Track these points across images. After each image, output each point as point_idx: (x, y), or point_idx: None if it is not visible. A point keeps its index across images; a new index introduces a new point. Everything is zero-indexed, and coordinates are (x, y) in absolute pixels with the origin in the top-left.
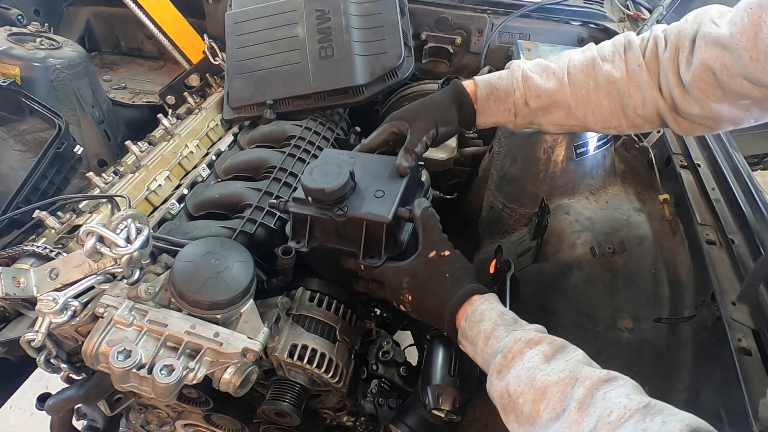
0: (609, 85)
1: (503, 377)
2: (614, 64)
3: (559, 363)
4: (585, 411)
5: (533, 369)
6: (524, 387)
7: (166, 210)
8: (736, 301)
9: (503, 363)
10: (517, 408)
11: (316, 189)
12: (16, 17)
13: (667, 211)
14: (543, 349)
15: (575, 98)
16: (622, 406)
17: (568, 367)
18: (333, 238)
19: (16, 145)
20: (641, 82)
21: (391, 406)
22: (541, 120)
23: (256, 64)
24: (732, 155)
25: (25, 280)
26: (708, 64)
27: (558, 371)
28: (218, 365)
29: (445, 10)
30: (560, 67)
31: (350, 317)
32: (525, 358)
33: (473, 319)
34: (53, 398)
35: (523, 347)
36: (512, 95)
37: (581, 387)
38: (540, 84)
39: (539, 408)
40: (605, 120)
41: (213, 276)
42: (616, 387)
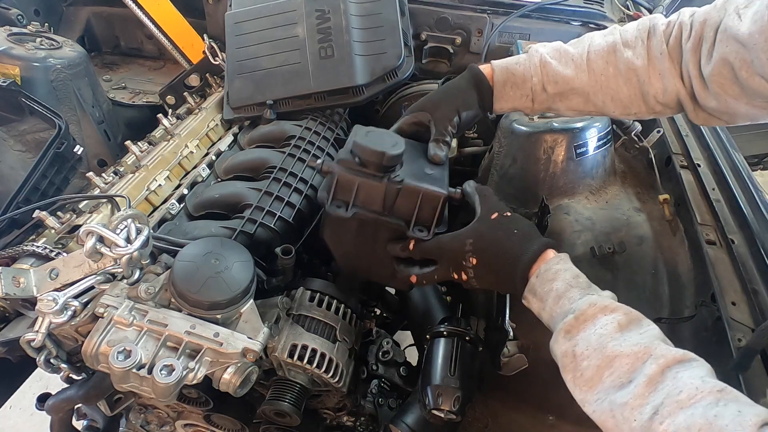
0: (629, 72)
1: (571, 338)
2: (636, 50)
3: (632, 335)
4: (653, 386)
5: (605, 336)
6: (591, 352)
7: (166, 210)
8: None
9: (573, 324)
10: (578, 370)
11: (375, 151)
12: (16, 17)
13: (667, 211)
14: (618, 318)
15: (594, 85)
16: (695, 387)
17: (643, 341)
18: (377, 208)
19: (16, 145)
20: (663, 69)
21: (391, 406)
22: (558, 106)
23: (256, 64)
24: (732, 155)
25: (25, 280)
26: (728, 59)
27: (631, 344)
28: (218, 365)
29: (445, 10)
30: (579, 52)
31: (350, 317)
32: (597, 324)
33: (546, 277)
34: (53, 398)
35: (597, 312)
36: (529, 81)
37: (654, 363)
38: (558, 70)
39: (602, 374)
40: (624, 107)
41: (213, 276)
42: (690, 368)
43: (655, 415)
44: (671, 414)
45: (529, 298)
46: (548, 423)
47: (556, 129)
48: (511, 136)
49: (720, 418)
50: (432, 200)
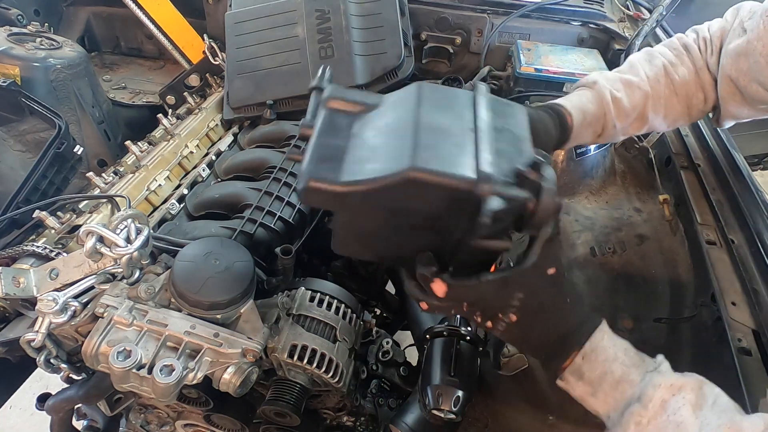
0: (682, 88)
1: (643, 429)
2: (683, 67)
3: (709, 414)
4: None
5: (683, 424)
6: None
7: (166, 210)
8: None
9: (642, 414)
10: None
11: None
12: (16, 17)
13: (667, 211)
14: (688, 397)
15: (655, 108)
16: None
17: (723, 421)
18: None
19: (16, 145)
20: (704, 82)
21: (391, 406)
22: (619, 137)
23: (256, 64)
24: (732, 155)
25: (25, 280)
26: (728, 73)
27: (714, 427)
28: (218, 365)
29: (445, 10)
30: (640, 79)
31: (350, 317)
32: (670, 408)
33: (594, 358)
34: (53, 398)
35: (666, 394)
36: (603, 118)
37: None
38: (626, 104)
39: None
40: (673, 121)
41: (213, 276)
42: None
43: None
44: None
45: (571, 381)
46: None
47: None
48: None
49: None
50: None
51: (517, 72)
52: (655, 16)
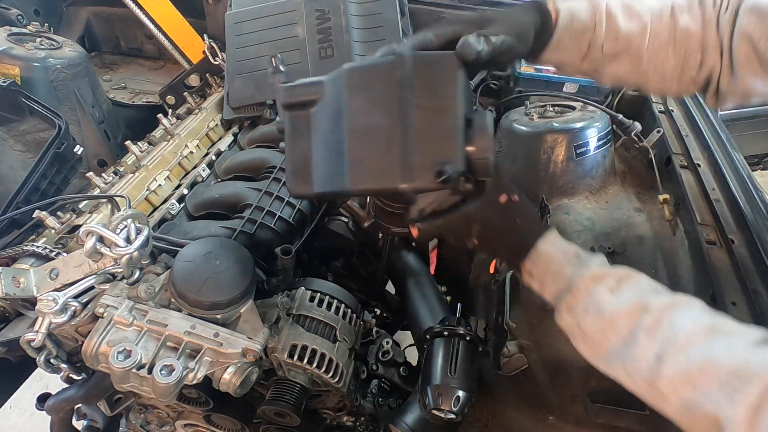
0: (683, 40)
1: (573, 312)
2: (692, 14)
3: (625, 293)
4: (653, 337)
5: (601, 303)
6: (593, 319)
7: (166, 210)
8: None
9: (572, 300)
10: (586, 337)
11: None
12: (16, 17)
13: (667, 211)
14: (608, 283)
15: (650, 49)
16: (688, 330)
17: (634, 297)
18: None
19: (16, 145)
20: (707, 41)
21: (391, 406)
22: (605, 70)
23: (256, 64)
24: (732, 155)
25: (25, 280)
26: (747, 31)
27: (625, 302)
28: (218, 365)
29: (445, 10)
30: (643, 9)
31: (350, 317)
32: (593, 294)
33: (537, 261)
34: (53, 398)
35: (590, 283)
36: (591, 31)
37: (648, 317)
38: (621, 25)
39: (608, 337)
40: (662, 80)
41: (213, 276)
42: (682, 311)
43: (659, 361)
44: (672, 358)
45: (527, 279)
46: (548, 423)
47: (556, 129)
48: (512, 136)
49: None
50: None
51: (517, 72)
52: None
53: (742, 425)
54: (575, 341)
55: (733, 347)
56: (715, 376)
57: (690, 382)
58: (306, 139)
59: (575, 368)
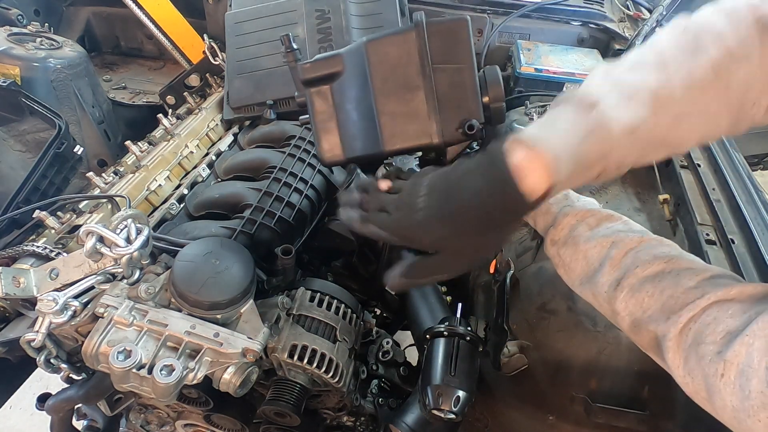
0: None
1: (555, 244)
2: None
3: (601, 231)
4: (616, 266)
5: (578, 236)
6: (571, 251)
7: (166, 210)
8: None
9: (554, 234)
10: (565, 265)
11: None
12: (16, 17)
13: (667, 211)
14: (588, 221)
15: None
16: (647, 261)
17: (607, 234)
18: None
19: (16, 145)
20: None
21: (391, 406)
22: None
23: (256, 64)
24: (732, 155)
25: (25, 280)
26: None
27: (598, 237)
28: (218, 365)
29: (445, 10)
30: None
31: (350, 317)
32: (573, 229)
33: None
34: (53, 398)
35: (571, 219)
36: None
37: (614, 249)
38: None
39: (581, 266)
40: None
41: (213, 276)
42: (646, 248)
43: (617, 286)
44: (627, 283)
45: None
46: (548, 423)
47: None
48: None
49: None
50: None
51: (517, 72)
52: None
53: (672, 340)
54: (558, 269)
55: (679, 279)
56: (659, 301)
57: (638, 304)
58: (331, 109)
59: (575, 368)
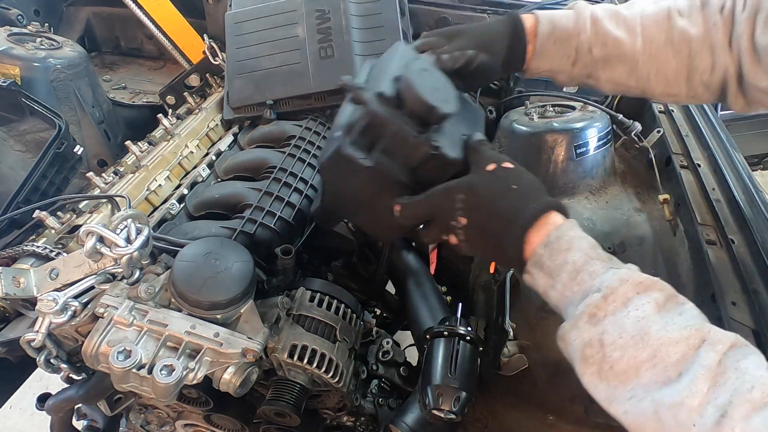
0: (682, 42)
1: (598, 323)
2: (691, 18)
3: (675, 317)
4: (715, 381)
5: (645, 320)
6: (628, 340)
7: (166, 210)
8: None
9: (601, 306)
10: (607, 362)
11: (427, 105)
12: (16, 17)
13: (667, 211)
14: (656, 297)
15: (644, 53)
16: (765, 381)
17: (691, 324)
18: (397, 165)
19: (16, 145)
20: (715, 42)
21: (391, 406)
22: (599, 74)
23: (256, 64)
24: (732, 155)
25: (25, 280)
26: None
27: (679, 327)
28: (218, 365)
29: (445, 10)
30: (632, 14)
31: (350, 317)
32: (632, 305)
33: (557, 247)
34: (53, 398)
35: (631, 291)
36: (576, 37)
37: (711, 351)
38: (609, 29)
39: (642, 368)
40: (667, 84)
41: (213, 276)
42: (749, 355)
43: (723, 418)
44: (745, 417)
45: (534, 273)
46: (548, 423)
47: (557, 129)
48: (512, 136)
49: None
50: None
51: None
52: None
53: None
54: (585, 365)
55: None
56: None
57: None
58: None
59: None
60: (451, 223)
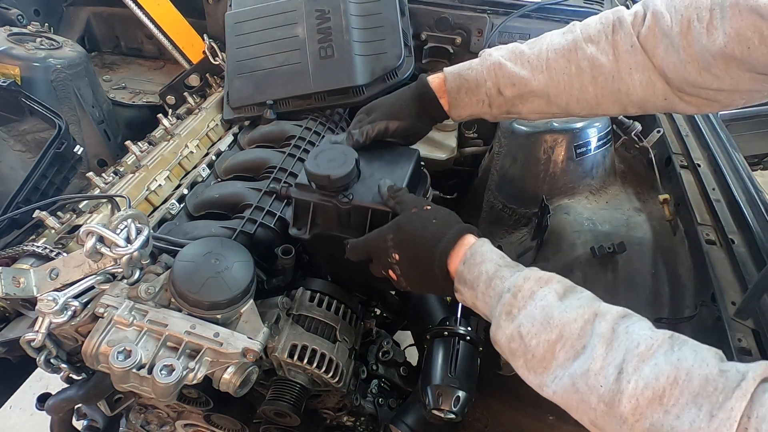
0: (594, 70)
1: (513, 318)
2: (599, 46)
3: (573, 300)
4: (609, 345)
5: (548, 307)
6: (539, 327)
7: (166, 210)
8: (736, 313)
9: (513, 303)
10: (529, 351)
11: (321, 175)
12: (16, 17)
13: (667, 211)
14: (555, 287)
15: (555, 86)
16: (648, 337)
17: (584, 303)
18: (335, 226)
19: (16, 145)
20: (635, 63)
21: (391, 406)
22: (519, 109)
23: (256, 64)
24: (732, 155)
25: (25, 280)
26: (745, 34)
27: (575, 308)
28: (218, 365)
29: (445, 10)
30: (536, 52)
31: (350, 317)
32: (537, 297)
33: (472, 261)
34: (53, 398)
35: (534, 285)
36: (483, 85)
37: (603, 321)
38: (514, 71)
39: (555, 349)
40: (591, 107)
41: (213, 276)
42: (636, 321)
43: (620, 374)
44: (636, 369)
45: (461, 289)
46: (548, 423)
47: (557, 129)
48: (512, 136)
49: (683, 360)
50: (381, 216)
51: None
52: None
53: None
54: (514, 358)
55: (703, 355)
56: (689, 389)
57: (659, 398)
58: None
59: None
60: (388, 260)
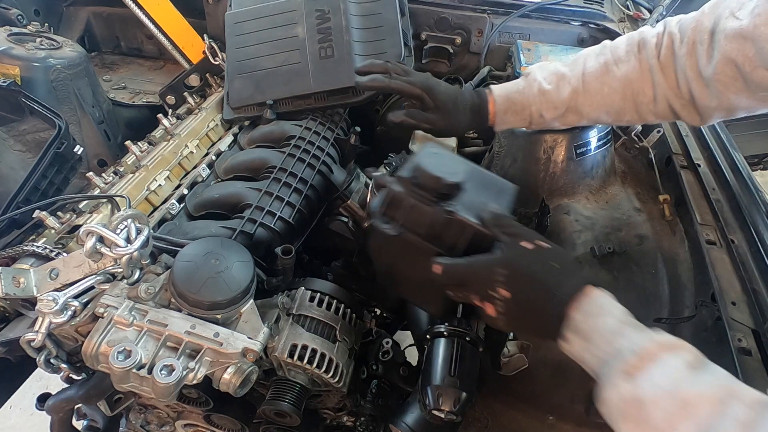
0: (625, 87)
1: (632, 380)
2: (629, 64)
3: (705, 375)
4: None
5: (676, 376)
6: (662, 395)
7: (166, 210)
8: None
9: (635, 364)
10: (644, 417)
11: (433, 176)
12: (16, 17)
13: (667, 211)
14: (685, 357)
15: (589, 104)
16: None
17: (720, 381)
18: (423, 233)
19: (16, 145)
20: (655, 81)
21: (391, 406)
22: (554, 125)
23: (256, 64)
24: (732, 155)
25: (25, 280)
26: (731, 57)
27: (707, 382)
28: (218, 365)
29: (445, 10)
30: (576, 75)
31: (350, 317)
32: (665, 363)
33: (592, 311)
34: (53, 398)
35: (662, 350)
36: (528, 108)
37: (741, 405)
38: (555, 97)
39: (675, 422)
40: (618, 115)
41: (213, 276)
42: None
43: None
44: None
45: (570, 338)
46: (548, 423)
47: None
48: (512, 136)
49: None
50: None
51: (517, 72)
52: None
53: None
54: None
55: None
56: None
57: None
58: None
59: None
60: (490, 293)
